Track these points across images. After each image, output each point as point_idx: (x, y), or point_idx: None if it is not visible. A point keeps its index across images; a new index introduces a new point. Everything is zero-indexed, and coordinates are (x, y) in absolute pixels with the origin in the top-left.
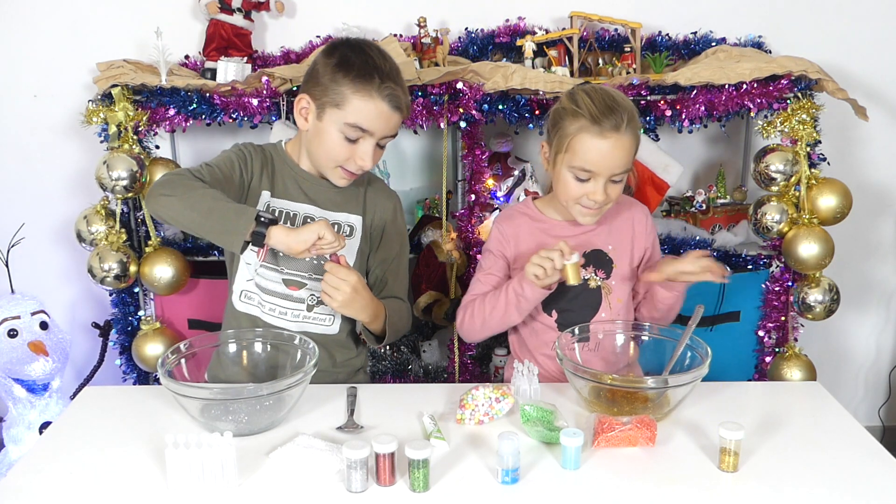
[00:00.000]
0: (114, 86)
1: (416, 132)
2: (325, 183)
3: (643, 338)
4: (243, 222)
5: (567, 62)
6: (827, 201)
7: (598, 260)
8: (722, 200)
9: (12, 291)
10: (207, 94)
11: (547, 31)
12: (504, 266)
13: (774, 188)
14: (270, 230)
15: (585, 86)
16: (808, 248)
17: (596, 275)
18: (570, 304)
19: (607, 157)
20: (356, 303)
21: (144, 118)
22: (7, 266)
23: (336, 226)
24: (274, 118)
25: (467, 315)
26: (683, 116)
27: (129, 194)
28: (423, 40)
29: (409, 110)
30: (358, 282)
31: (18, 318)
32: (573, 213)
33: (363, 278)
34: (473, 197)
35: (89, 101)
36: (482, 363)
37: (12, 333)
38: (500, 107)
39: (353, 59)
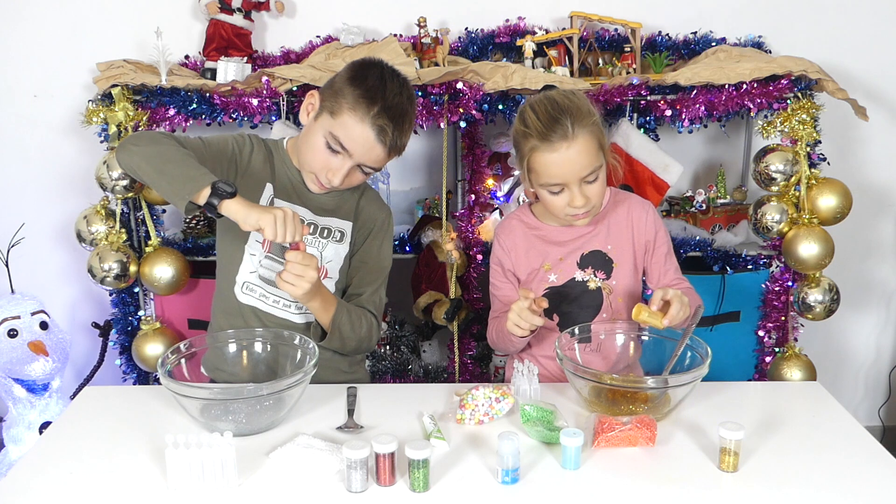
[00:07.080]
0: (114, 86)
1: (416, 132)
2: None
3: (643, 338)
4: (190, 187)
5: (567, 62)
6: (827, 201)
7: (597, 261)
8: (722, 200)
9: (12, 291)
10: (207, 94)
11: (547, 31)
12: (512, 276)
13: (774, 188)
14: (223, 202)
15: (533, 98)
16: (808, 248)
17: (596, 276)
18: (571, 307)
19: (565, 166)
20: (315, 289)
21: (144, 118)
22: (7, 266)
23: (326, 230)
24: (274, 118)
25: (489, 335)
26: (683, 116)
27: (130, 194)
28: (423, 40)
29: (399, 152)
30: (316, 267)
31: (18, 318)
32: (569, 221)
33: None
34: (473, 197)
35: (89, 101)
36: (482, 363)
37: (12, 333)
38: (500, 107)
39: (369, 81)
